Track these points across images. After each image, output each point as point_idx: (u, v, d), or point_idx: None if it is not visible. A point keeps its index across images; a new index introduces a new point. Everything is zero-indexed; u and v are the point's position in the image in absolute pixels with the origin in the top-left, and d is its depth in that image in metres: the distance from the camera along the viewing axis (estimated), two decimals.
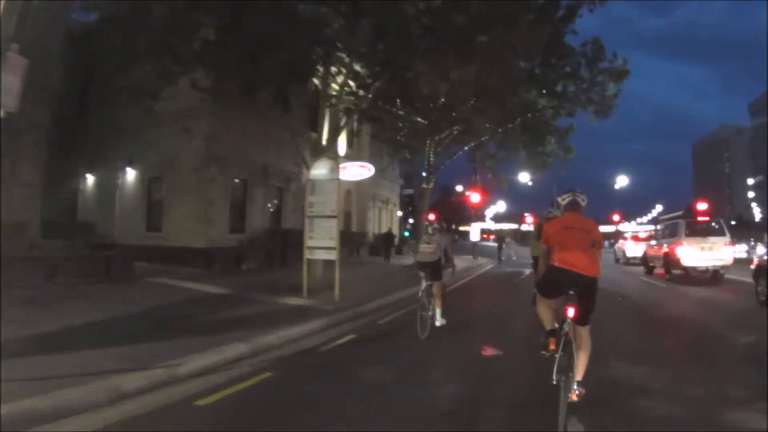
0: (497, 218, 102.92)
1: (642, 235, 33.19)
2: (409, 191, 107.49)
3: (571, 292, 5.15)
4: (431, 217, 36.08)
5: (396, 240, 36.50)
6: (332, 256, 13.53)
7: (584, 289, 5.15)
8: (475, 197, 35.15)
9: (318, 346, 8.80)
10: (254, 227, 23.96)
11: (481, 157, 29.59)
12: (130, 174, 25.73)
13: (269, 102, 22.87)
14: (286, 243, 23.73)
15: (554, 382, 5.11)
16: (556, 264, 5.26)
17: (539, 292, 5.81)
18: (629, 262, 30.76)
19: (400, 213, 48.44)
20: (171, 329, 9.08)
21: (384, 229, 37.06)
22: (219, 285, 15.73)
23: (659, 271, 22.11)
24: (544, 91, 24.88)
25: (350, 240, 32.47)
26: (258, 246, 22.98)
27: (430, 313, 9.47)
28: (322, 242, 13.66)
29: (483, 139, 25.47)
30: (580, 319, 5.19)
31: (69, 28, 25.83)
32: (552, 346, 5.32)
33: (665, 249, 20.34)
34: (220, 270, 20.51)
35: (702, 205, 23.32)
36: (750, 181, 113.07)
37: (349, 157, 32.50)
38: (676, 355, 8.29)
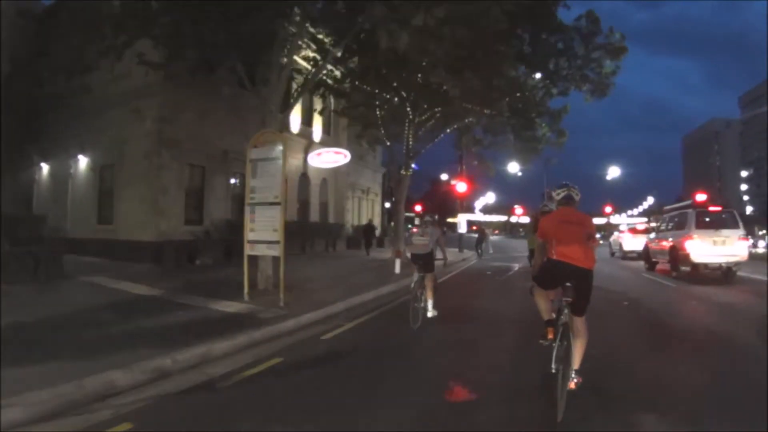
0: (486, 210, 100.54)
1: (640, 227, 30.61)
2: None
3: (568, 284, 5.22)
4: (418, 208, 32.73)
5: (377, 232, 33.96)
6: (275, 251, 11.00)
7: (581, 281, 5.22)
8: (461, 186, 32.56)
9: (222, 378, 6.35)
10: (214, 218, 21.35)
11: (466, 142, 26.98)
12: (83, 162, 23.17)
13: (229, 79, 20.46)
14: None
15: (553, 371, 5.08)
16: (555, 257, 5.32)
17: (537, 283, 5.70)
18: (626, 255, 28.29)
19: (387, 204, 45.97)
20: (50, 346, 6.95)
21: (364, 221, 34.55)
22: (155, 285, 13.35)
23: (662, 266, 19.68)
24: (535, 76, 22.37)
25: (327, 232, 29.95)
26: (216, 239, 20.39)
27: (422, 304, 9.56)
28: (264, 234, 11.13)
29: (468, 120, 22.80)
30: (576, 310, 5.25)
31: (19, 9, 23.71)
32: (550, 335, 5.39)
33: (671, 243, 17.83)
34: (170, 266, 18.02)
35: (701, 196, 21.39)
36: (744, 174, 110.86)
37: (325, 144, 29.99)
38: (721, 402, 5.70)
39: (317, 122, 29.87)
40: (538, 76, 22.30)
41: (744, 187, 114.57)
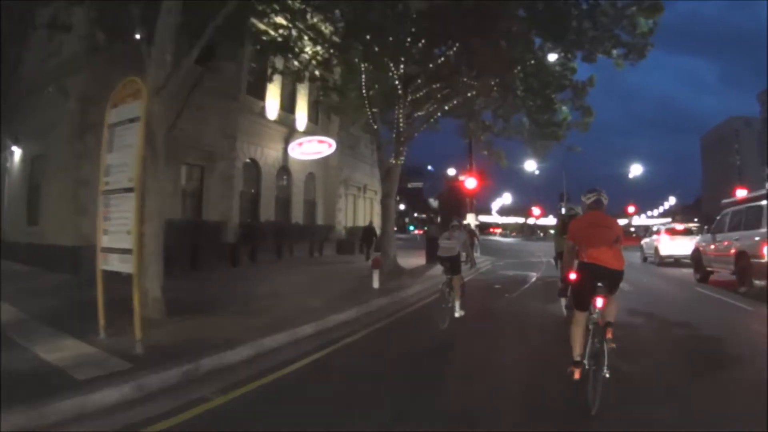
0: (503, 211, 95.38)
1: (679, 227, 25.38)
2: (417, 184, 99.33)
3: (600, 284, 5.18)
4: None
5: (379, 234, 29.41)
6: (127, 266, 6.60)
7: (612, 281, 5.23)
8: (470, 182, 27.83)
9: None
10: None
11: (474, 129, 22.38)
12: (17, 153, 19.17)
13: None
14: (199, 240, 17.07)
15: (586, 368, 5.02)
16: (586, 260, 5.31)
17: (574, 305, 5.55)
18: (663, 261, 23.15)
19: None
20: None
21: (360, 221, 30.04)
22: (27, 307, 9.52)
23: (717, 277, 15.02)
24: (551, 55, 17.81)
25: (312, 235, 25.46)
26: None
27: (450, 305, 9.39)
28: (117, 240, 6.76)
29: (470, 94, 18.06)
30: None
31: None
32: (576, 376, 5.16)
33: (738, 247, 13.05)
34: (87, 277, 13.78)
35: (742, 192, 17.17)
36: None
37: (311, 134, 25.57)
38: None
39: (301, 109, 25.47)
40: (554, 57, 17.71)
41: None
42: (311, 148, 24.26)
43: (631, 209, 56.02)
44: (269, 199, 23.45)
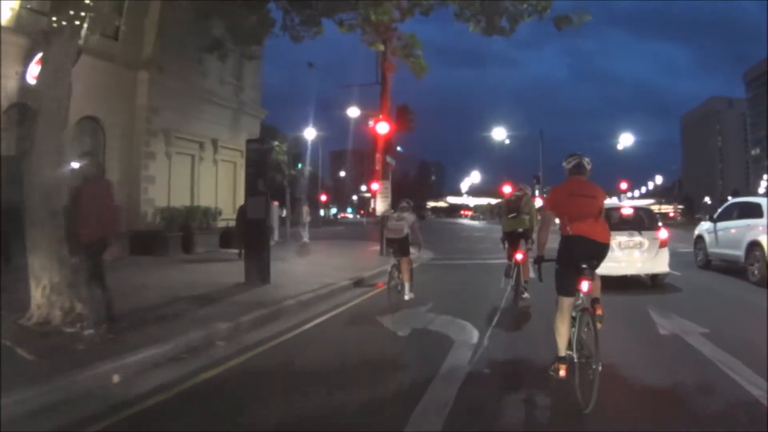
0: (473, 191, 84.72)
1: None
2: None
3: (585, 266, 4.52)
4: (375, 186, 19.83)
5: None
6: None
7: (600, 257, 4.71)
8: (381, 127, 15.98)
9: None
10: None
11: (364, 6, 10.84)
12: None
13: None
14: None
15: (575, 360, 4.39)
16: (572, 232, 4.72)
17: (559, 290, 4.74)
18: None
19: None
20: None
21: (207, 200, 18.07)
22: None
23: None
24: None
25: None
26: None
27: (399, 287, 9.24)
28: None
29: None
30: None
31: None
32: (561, 373, 4.55)
33: None
34: None
35: None
36: None
37: (105, 56, 13.41)
38: None
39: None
40: None
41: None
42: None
43: (623, 185, 45.50)
44: None
